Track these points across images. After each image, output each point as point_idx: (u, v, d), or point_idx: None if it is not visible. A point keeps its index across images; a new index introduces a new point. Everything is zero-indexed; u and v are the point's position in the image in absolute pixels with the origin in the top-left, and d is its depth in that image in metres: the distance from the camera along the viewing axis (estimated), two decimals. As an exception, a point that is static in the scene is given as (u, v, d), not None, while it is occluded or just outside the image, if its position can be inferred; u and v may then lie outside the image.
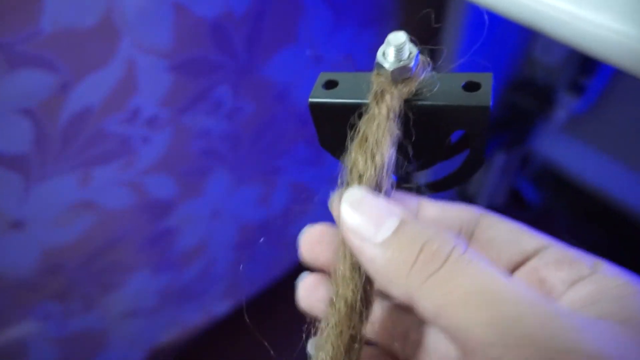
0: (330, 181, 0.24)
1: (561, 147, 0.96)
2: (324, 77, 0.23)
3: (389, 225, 0.17)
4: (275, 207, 0.83)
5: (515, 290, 0.15)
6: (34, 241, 0.53)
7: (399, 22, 0.74)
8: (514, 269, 0.20)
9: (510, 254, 0.20)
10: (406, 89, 0.19)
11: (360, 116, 0.21)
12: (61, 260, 0.58)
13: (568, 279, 0.18)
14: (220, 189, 0.71)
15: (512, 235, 0.20)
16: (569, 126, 0.93)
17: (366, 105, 0.20)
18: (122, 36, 0.45)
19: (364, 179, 0.18)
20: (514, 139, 0.93)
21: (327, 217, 0.23)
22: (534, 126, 0.95)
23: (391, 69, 0.19)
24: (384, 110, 0.19)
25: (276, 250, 0.92)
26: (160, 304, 0.80)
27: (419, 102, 0.20)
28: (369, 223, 0.17)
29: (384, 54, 0.20)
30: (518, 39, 0.84)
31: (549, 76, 0.88)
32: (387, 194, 0.19)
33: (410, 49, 0.20)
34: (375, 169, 0.18)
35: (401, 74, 0.19)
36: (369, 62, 0.21)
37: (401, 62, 0.19)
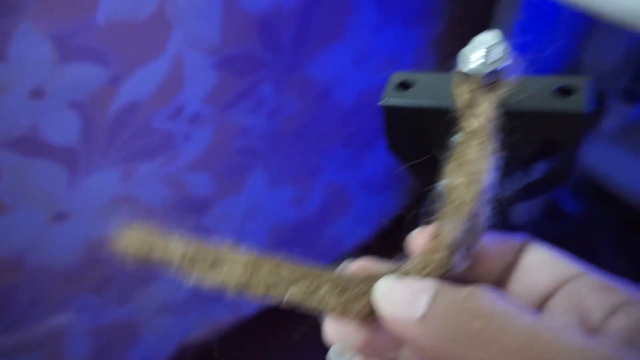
0: (366, 186, 0.22)
1: (608, 156, 0.92)
2: (397, 77, 0.22)
3: (424, 298, 0.17)
4: (309, 208, 0.82)
5: (566, 339, 0.15)
6: (76, 233, 0.53)
7: (447, 21, 0.72)
8: (552, 292, 0.20)
9: (550, 278, 0.20)
10: (500, 93, 0.18)
11: (440, 118, 0.19)
12: (101, 253, 0.58)
13: (605, 305, 0.18)
14: (258, 188, 0.70)
15: (552, 260, 0.20)
16: (619, 135, 0.89)
17: (448, 110, 0.19)
18: (173, 30, 0.45)
19: (464, 206, 0.17)
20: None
21: (359, 220, 0.22)
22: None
23: (483, 73, 0.18)
24: (483, 124, 0.17)
25: (309, 251, 0.91)
26: (191, 300, 0.80)
27: (510, 107, 0.18)
28: (405, 305, 0.17)
29: (471, 54, 0.18)
30: (568, 44, 0.81)
31: (599, 83, 0.85)
32: (484, 222, 0.18)
33: (502, 49, 0.18)
34: (477, 195, 0.17)
35: (494, 77, 0.18)
36: (414, 63, 0.19)
37: (493, 65, 0.18)
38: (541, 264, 0.20)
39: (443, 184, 0.18)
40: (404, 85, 0.21)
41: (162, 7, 0.43)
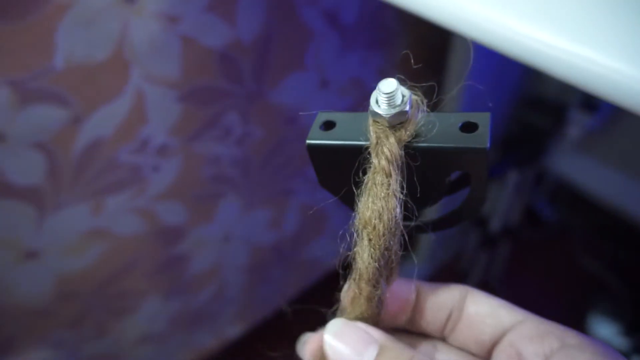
0: (340, 203, 0.24)
1: (575, 164, 0.94)
2: (321, 117, 0.23)
3: (370, 353, 0.18)
4: (286, 229, 0.83)
5: None
6: (47, 270, 0.54)
7: (405, 43, 0.74)
8: (495, 342, 0.21)
9: (492, 329, 0.21)
10: (405, 133, 0.19)
11: (359, 156, 0.21)
12: (74, 287, 0.58)
13: (541, 353, 0.19)
14: (232, 213, 0.71)
15: (492, 310, 0.22)
16: (583, 143, 0.92)
17: (365, 147, 0.20)
18: (132, 69, 0.46)
19: (375, 241, 0.18)
20: (527, 157, 0.92)
21: (338, 237, 0.23)
22: (548, 144, 0.93)
23: (387, 116, 0.19)
24: (384, 164, 0.19)
25: (288, 272, 0.92)
26: (172, 328, 0.80)
27: (417, 145, 0.19)
28: (352, 353, 0.18)
29: (377, 101, 0.20)
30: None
31: (561, 94, 0.87)
32: (398, 248, 0.19)
33: (402, 93, 0.19)
34: (386, 229, 0.18)
35: (397, 119, 0.19)
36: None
37: (395, 108, 0.19)
38: (483, 314, 0.22)
39: (357, 220, 0.19)
40: (328, 125, 0.22)
41: (120, 48, 0.44)
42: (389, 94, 0.19)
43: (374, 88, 0.22)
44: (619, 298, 1.09)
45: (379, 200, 0.18)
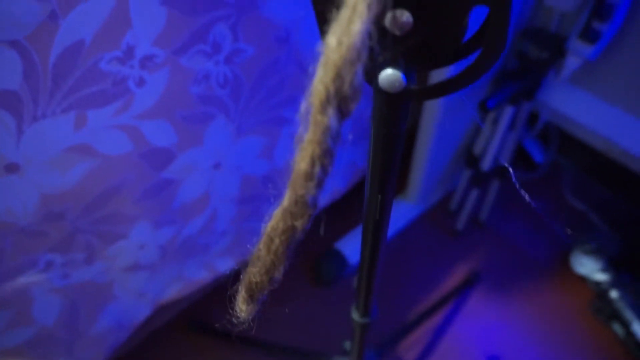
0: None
1: (569, 98, 0.93)
2: None
3: None
4: (278, 159, 0.82)
5: None
6: (30, 185, 0.52)
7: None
8: None
9: None
10: None
11: None
12: (61, 207, 0.57)
13: None
14: (222, 139, 0.69)
15: None
16: (578, 77, 0.90)
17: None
18: (113, -38, 0.43)
19: (332, 60, 0.17)
20: (522, 91, 0.91)
21: (331, 172, 0.22)
22: (544, 78, 0.92)
23: None
24: None
25: (277, 205, 0.91)
26: (163, 258, 0.80)
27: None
28: None
29: None
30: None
31: (561, 24, 0.85)
32: (357, 80, 0.17)
33: None
34: (345, 50, 0.17)
35: None
36: None
37: None
38: None
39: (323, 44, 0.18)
40: None
41: None
42: None
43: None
44: (602, 237, 1.12)
45: (345, 22, 0.17)
